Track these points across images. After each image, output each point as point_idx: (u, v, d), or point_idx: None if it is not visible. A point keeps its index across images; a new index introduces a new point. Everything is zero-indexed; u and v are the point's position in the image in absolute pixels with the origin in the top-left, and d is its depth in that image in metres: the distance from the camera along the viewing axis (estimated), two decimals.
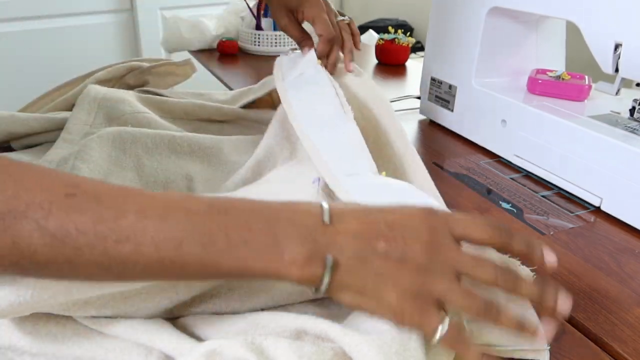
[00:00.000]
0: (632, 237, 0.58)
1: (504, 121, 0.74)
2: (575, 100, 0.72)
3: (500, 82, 0.79)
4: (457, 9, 0.79)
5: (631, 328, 0.44)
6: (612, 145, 0.60)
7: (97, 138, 0.59)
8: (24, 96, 0.78)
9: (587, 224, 0.60)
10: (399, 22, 2.59)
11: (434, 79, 0.87)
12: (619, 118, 0.67)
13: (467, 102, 0.80)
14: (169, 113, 0.72)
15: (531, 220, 0.60)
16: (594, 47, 0.62)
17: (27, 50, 1.79)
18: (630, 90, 0.71)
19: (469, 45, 0.78)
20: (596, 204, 0.63)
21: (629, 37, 0.57)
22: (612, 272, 0.52)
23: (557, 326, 0.36)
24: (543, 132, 0.68)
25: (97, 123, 0.65)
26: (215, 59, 1.24)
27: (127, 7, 1.93)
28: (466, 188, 0.67)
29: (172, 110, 0.72)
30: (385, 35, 1.25)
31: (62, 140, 0.62)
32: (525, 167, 0.71)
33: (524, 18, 0.77)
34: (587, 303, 0.47)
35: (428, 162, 0.74)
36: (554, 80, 0.73)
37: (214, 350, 0.33)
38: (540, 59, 0.82)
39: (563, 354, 0.41)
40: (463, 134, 0.82)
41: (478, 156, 0.77)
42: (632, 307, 0.47)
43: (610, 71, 0.61)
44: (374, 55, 1.29)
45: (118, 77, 0.78)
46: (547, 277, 0.39)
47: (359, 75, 0.71)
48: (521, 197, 0.65)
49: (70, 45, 1.85)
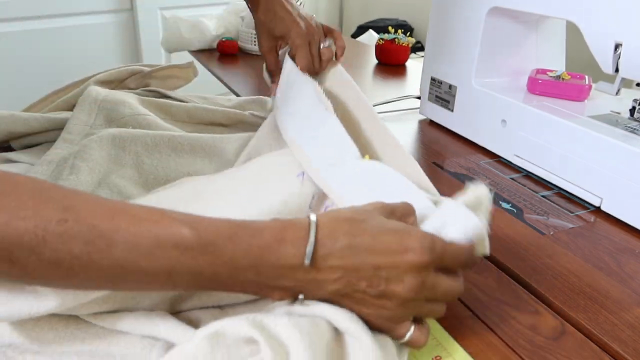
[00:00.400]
0: (633, 237, 0.58)
1: (504, 121, 0.74)
2: (576, 100, 0.72)
3: (500, 82, 0.79)
4: (457, 9, 0.79)
5: (631, 328, 0.44)
6: (612, 145, 0.60)
7: (97, 138, 0.59)
8: (24, 96, 0.78)
9: (587, 224, 0.60)
10: (399, 22, 2.59)
11: (434, 79, 0.87)
12: (619, 118, 0.67)
13: (467, 102, 0.80)
14: (170, 115, 0.72)
15: (531, 220, 0.60)
16: (594, 47, 0.62)
17: (27, 50, 1.79)
18: (630, 90, 0.71)
19: (469, 45, 0.78)
20: (596, 204, 0.63)
21: (629, 37, 0.57)
22: (613, 272, 0.52)
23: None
24: (543, 132, 0.68)
25: (97, 124, 0.65)
26: (215, 59, 1.24)
27: (127, 7, 1.93)
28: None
29: (174, 112, 0.72)
30: (385, 35, 1.25)
31: (62, 140, 0.62)
32: (525, 167, 0.71)
33: (524, 18, 0.77)
34: (588, 303, 0.47)
35: (428, 162, 0.74)
36: (554, 80, 0.73)
37: (217, 332, 0.34)
38: (540, 59, 0.82)
39: (563, 354, 0.41)
40: (463, 134, 0.82)
41: (478, 156, 0.77)
42: (633, 307, 0.47)
43: (610, 71, 0.61)
44: (374, 55, 1.28)
45: (119, 79, 0.78)
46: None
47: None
48: (521, 197, 0.65)
49: (70, 45, 1.85)
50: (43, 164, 0.58)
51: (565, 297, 0.48)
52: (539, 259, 0.53)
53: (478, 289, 0.48)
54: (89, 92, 0.68)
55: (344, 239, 0.35)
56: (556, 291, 0.48)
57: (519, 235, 0.57)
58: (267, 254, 0.34)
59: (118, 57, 1.95)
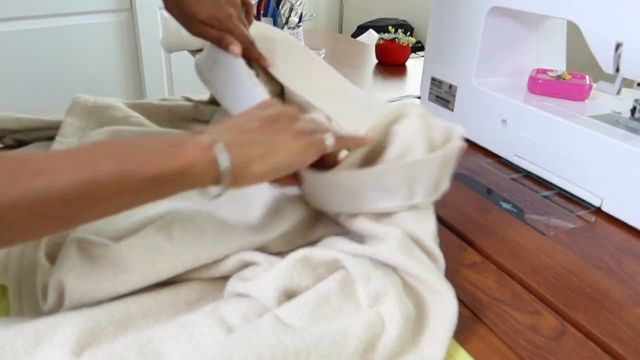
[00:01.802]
0: (633, 238, 0.58)
1: (504, 121, 0.73)
2: (576, 100, 0.72)
3: (501, 82, 0.79)
4: (457, 9, 0.79)
5: (632, 328, 0.44)
6: (613, 145, 0.59)
7: (96, 134, 0.62)
8: (24, 96, 0.79)
9: (588, 224, 0.60)
10: (399, 22, 2.59)
11: (434, 79, 0.87)
12: (619, 118, 0.66)
13: (467, 102, 0.80)
14: (156, 116, 0.74)
15: (532, 221, 0.60)
16: (594, 47, 0.62)
17: (27, 50, 1.78)
18: (631, 90, 0.71)
19: (469, 45, 0.78)
20: (597, 204, 0.63)
21: (630, 37, 0.57)
22: (613, 272, 0.51)
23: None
24: (543, 132, 0.68)
25: (90, 128, 0.68)
26: None
27: (127, 6, 1.93)
28: (466, 188, 0.67)
29: (158, 112, 0.75)
30: (385, 35, 1.25)
31: (58, 143, 0.65)
32: (526, 167, 0.71)
33: (524, 18, 0.77)
34: (588, 303, 0.47)
35: None
36: (555, 80, 0.73)
37: (305, 256, 0.41)
38: (540, 58, 0.82)
39: (563, 354, 0.41)
40: (463, 134, 0.82)
41: (478, 156, 0.77)
42: (633, 308, 0.47)
43: (611, 71, 0.61)
44: (374, 55, 1.28)
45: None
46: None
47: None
48: (522, 197, 0.65)
49: (70, 45, 1.84)
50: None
51: (565, 297, 0.47)
52: (539, 259, 0.53)
53: (478, 289, 0.48)
54: (78, 99, 0.70)
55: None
56: (556, 291, 0.48)
57: (519, 235, 0.57)
58: (178, 136, 0.40)
59: (118, 57, 1.94)
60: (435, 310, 0.41)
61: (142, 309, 0.39)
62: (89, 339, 0.36)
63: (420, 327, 0.40)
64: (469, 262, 0.52)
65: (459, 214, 0.61)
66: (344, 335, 0.36)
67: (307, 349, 0.35)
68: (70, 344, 0.34)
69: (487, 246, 0.55)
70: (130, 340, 0.35)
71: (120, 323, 0.37)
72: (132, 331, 0.37)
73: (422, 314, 0.41)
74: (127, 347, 0.35)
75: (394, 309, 0.38)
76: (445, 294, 0.41)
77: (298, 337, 0.35)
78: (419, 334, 0.40)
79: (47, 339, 0.35)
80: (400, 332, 0.38)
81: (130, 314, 0.38)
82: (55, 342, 0.35)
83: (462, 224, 0.58)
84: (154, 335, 0.36)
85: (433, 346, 0.39)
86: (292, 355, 0.34)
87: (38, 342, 0.34)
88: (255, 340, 0.34)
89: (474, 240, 0.56)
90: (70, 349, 0.34)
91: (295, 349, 0.34)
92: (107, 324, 0.37)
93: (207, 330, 0.37)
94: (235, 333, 0.36)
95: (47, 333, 0.35)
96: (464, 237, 0.57)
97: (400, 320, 0.38)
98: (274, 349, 0.34)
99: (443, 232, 0.57)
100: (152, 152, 0.37)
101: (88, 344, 0.35)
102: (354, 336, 0.36)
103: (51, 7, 1.80)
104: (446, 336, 0.39)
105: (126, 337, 0.36)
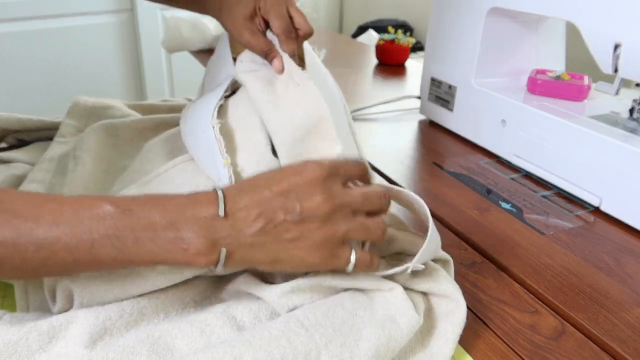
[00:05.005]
0: (632, 237, 0.58)
1: (504, 121, 0.74)
2: (575, 100, 0.73)
3: (500, 82, 0.79)
4: (457, 9, 0.79)
5: (631, 328, 0.44)
6: (611, 145, 0.60)
7: (89, 130, 0.63)
8: (24, 96, 0.79)
9: (587, 224, 0.60)
10: (399, 22, 2.59)
11: (434, 79, 0.87)
12: (618, 118, 0.67)
13: (467, 102, 0.80)
14: (155, 112, 0.74)
15: (531, 220, 0.60)
16: (593, 48, 0.62)
17: (27, 50, 1.79)
18: (629, 90, 0.71)
19: (469, 45, 0.78)
20: (596, 204, 0.63)
21: (629, 37, 0.57)
22: (612, 272, 0.52)
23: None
24: (543, 132, 0.68)
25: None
26: None
27: (127, 7, 1.93)
28: (466, 188, 0.67)
29: (157, 110, 0.75)
30: (385, 35, 1.25)
31: (56, 142, 0.65)
32: (525, 167, 0.71)
33: (524, 18, 0.77)
34: (588, 303, 0.47)
35: (428, 162, 0.74)
36: (554, 80, 0.74)
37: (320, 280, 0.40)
38: (540, 59, 0.82)
39: (563, 354, 0.41)
40: (463, 134, 0.82)
41: (478, 156, 0.77)
42: (632, 307, 0.47)
43: (609, 71, 0.61)
44: (374, 55, 1.29)
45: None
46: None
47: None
48: (521, 197, 0.65)
49: (70, 45, 1.85)
50: (44, 162, 0.60)
51: (565, 297, 0.48)
52: (539, 259, 0.53)
53: (478, 289, 0.48)
54: (77, 101, 0.71)
55: (247, 183, 0.39)
56: (556, 291, 0.48)
57: (519, 235, 0.57)
58: (183, 209, 0.36)
59: (118, 57, 1.95)
60: (444, 311, 0.41)
61: (152, 304, 0.39)
62: (101, 332, 0.36)
63: (429, 327, 0.41)
64: (468, 262, 0.53)
65: (458, 213, 0.61)
66: (356, 336, 0.37)
67: (318, 349, 0.35)
68: (83, 339, 0.35)
69: (486, 246, 0.55)
70: (142, 335, 0.36)
71: (131, 317, 0.38)
72: (143, 326, 0.38)
73: (431, 316, 0.42)
74: (138, 342, 0.35)
75: (406, 311, 0.39)
76: (455, 296, 0.42)
77: (309, 337, 0.35)
78: (428, 333, 0.41)
79: (61, 336, 0.35)
80: (411, 333, 0.38)
81: (140, 309, 0.38)
82: (69, 338, 0.35)
83: (461, 224, 0.59)
84: (166, 330, 0.37)
85: (441, 344, 0.39)
86: (302, 355, 0.34)
87: (51, 339, 0.35)
88: (266, 340, 0.35)
89: (473, 240, 0.56)
90: (83, 343, 0.35)
91: (306, 349, 0.35)
92: (117, 318, 0.37)
93: (219, 329, 0.37)
94: (245, 332, 0.36)
95: (60, 329, 0.35)
96: (463, 237, 0.57)
97: (412, 321, 0.38)
98: (284, 349, 0.34)
99: (443, 232, 0.57)
100: (150, 241, 0.35)
101: (100, 338, 0.36)
102: (365, 338, 0.37)
103: (52, 8, 1.80)
104: (455, 333, 0.40)
105: (137, 331, 0.37)
